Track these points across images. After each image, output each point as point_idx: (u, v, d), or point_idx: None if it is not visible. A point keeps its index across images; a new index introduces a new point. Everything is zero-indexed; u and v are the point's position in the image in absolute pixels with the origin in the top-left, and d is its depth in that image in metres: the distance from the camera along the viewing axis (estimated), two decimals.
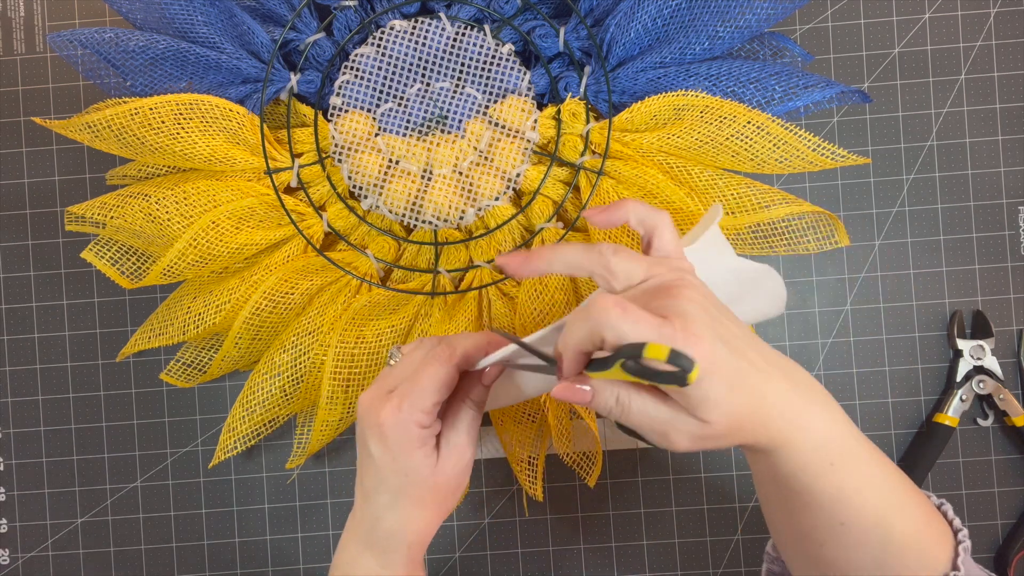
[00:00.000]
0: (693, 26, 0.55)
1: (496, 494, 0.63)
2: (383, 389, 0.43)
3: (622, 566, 0.63)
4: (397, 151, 0.58)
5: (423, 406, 0.42)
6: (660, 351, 0.33)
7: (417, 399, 0.42)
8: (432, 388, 0.42)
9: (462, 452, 0.44)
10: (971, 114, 0.62)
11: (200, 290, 0.59)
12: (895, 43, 0.62)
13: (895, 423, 0.62)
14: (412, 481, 0.43)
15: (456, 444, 0.44)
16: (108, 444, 0.64)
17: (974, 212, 0.62)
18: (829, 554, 0.40)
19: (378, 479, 0.43)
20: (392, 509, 0.43)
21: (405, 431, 0.42)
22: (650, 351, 0.33)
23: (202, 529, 0.64)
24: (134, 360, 0.64)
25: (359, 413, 0.43)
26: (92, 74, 0.57)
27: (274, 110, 0.59)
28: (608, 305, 0.35)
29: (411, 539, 0.44)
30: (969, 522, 0.62)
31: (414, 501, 0.43)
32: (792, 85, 0.55)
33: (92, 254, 0.58)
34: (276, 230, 0.57)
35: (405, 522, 0.44)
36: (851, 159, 0.55)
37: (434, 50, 0.58)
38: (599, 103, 0.58)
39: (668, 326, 0.34)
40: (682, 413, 0.36)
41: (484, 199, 0.58)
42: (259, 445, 0.63)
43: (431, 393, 0.42)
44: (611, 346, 0.35)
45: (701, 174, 0.56)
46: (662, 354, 0.32)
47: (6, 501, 0.64)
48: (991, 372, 0.61)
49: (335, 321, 0.58)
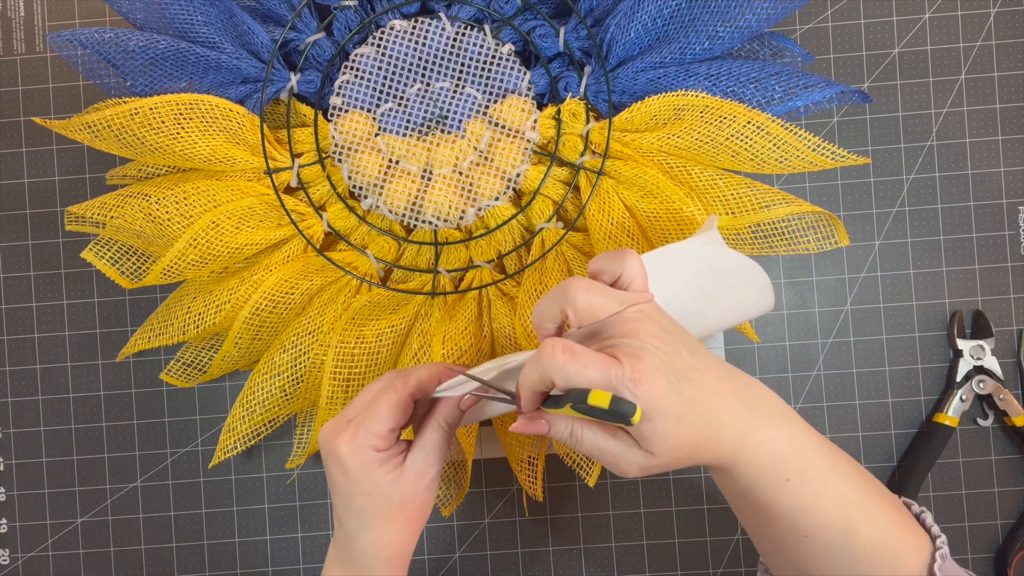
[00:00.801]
0: (693, 26, 0.55)
1: (496, 494, 0.63)
2: (342, 420, 0.46)
3: (622, 566, 0.63)
4: (397, 151, 0.58)
5: (377, 431, 0.44)
6: (602, 399, 0.35)
7: (372, 425, 0.44)
8: (386, 415, 0.44)
9: (425, 470, 0.46)
10: (971, 114, 0.62)
11: (200, 290, 0.59)
12: (895, 43, 0.62)
13: (895, 423, 0.62)
14: (376, 500, 0.45)
15: (419, 462, 0.46)
16: (108, 444, 0.64)
17: (974, 212, 0.62)
18: (801, 562, 0.41)
19: (345, 503, 0.46)
20: (362, 529, 0.46)
21: (362, 456, 0.44)
22: (593, 398, 0.35)
23: (202, 529, 0.64)
24: (134, 360, 0.64)
25: (320, 444, 0.46)
26: (92, 74, 0.57)
27: (274, 110, 0.59)
28: (557, 351, 0.37)
29: (386, 554, 0.46)
30: (969, 522, 0.62)
31: (382, 519, 0.46)
32: (792, 85, 0.55)
33: (92, 254, 0.58)
34: (276, 230, 0.57)
35: (378, 539, 0.46)
36: (851, 159, 0.55)
37: (434, 50, 0.58)
38: (599, 103, 0.58)
39: (616, 367, 0.36)
40: (631, 446, 0.38)
41: (484, 199, 0.58)
42: (259, 445, 0.64)
43: (385, 420, 0.44)
44: (561, 388, 0.38)
45: (701, 174, 0.56)
46: (604, 402, 0.35)
47: (6, 501, 0.64)
48: (991, 372, 0.61)
49: (335, 321, 0.58)
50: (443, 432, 0.46)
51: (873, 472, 0.62)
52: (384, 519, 0.46)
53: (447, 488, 0.61)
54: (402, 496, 0.45)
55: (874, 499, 0.41)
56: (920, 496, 0.61)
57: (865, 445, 0.62)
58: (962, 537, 0.62)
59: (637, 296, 0.41)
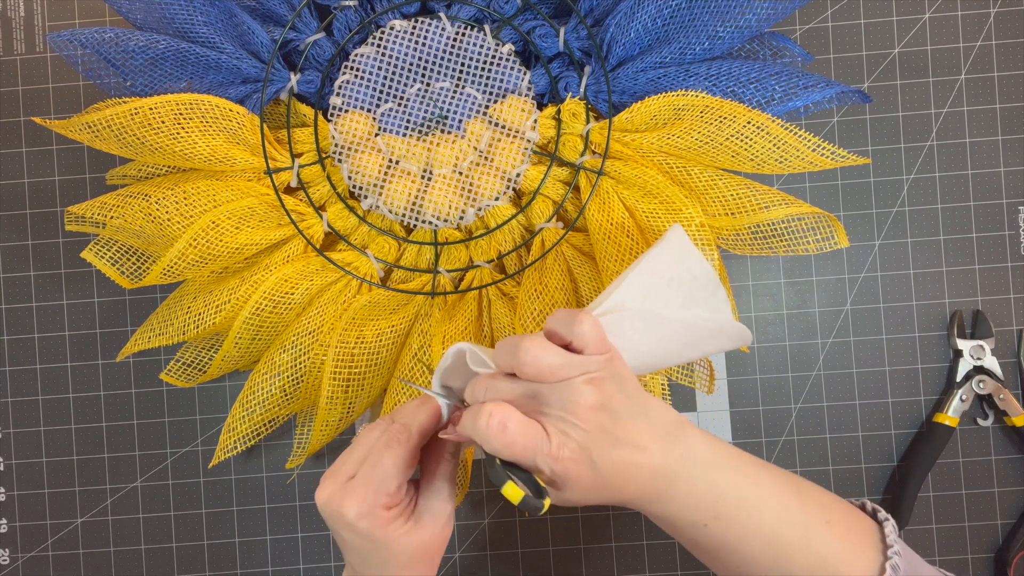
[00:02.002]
0: (693, 26, 0.55)
1: (496, 494, 0.63)
2: (340, 477, 0.42)
3: (622, 566, 0.63)
4: (397, 151, 0.58)
5: (387, 489, 0.42)
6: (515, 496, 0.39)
7: (381, 485, 0.41)
8: (394, 471, 0.42)
9: (440, 510, 0.44)
10: (971, 114, 0.62)
11: (200, 290, 0.59)
12: (895, 43, 0.62)
13: (895, 423, 0.62)
14: (395, 552, 0.43)
15: (433, 505, 0.44)
16: (108, 444, 0.64)
17: (974, 212, 0.62)
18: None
19: (361, 558, 0.43)
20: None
21: (373, 517, 0.42)
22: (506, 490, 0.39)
23: (202, 529, 0.64)
24: (134, 360, 0.64)
25: (320, 508, 0.43)
26: (92, 74, 0.57)
27: (274, 110, 0.59)
28: (492, 424, 0.38)
29: None
30: (969, 522, 0.62)
31: (403, 566, 0.43)
32: (792, 85, 0.55)
33: (92, 254, 0.58)
34: (276, 230, 0.57)
35: None
36: (851, 159, 0.55)
37: (434, 50, 0.58)
38: (599, 103, 0.58)
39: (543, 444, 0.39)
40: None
41: (484, 199, 0.58)
42: (259, 445, 0.64)
43: (393, 477, 0.42)
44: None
45: (701, 174, 0.56)
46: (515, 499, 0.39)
47: (6, 501, 0.64)
48: (991, 372, 0.61)
49: (335, 321, 0.58)
50: (451, 465, 0.45)
51: (873, 472, 0.62)
52: (405, 566, 0.43)
53: None
54: (421, 541, 0.43)
55: (814, 528, 0.42)
56: (920, 496, 0.61)
57: (865, 445, 0.62)
58: (962, 537, 0.62)
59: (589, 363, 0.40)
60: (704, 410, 0.63)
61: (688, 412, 0.63)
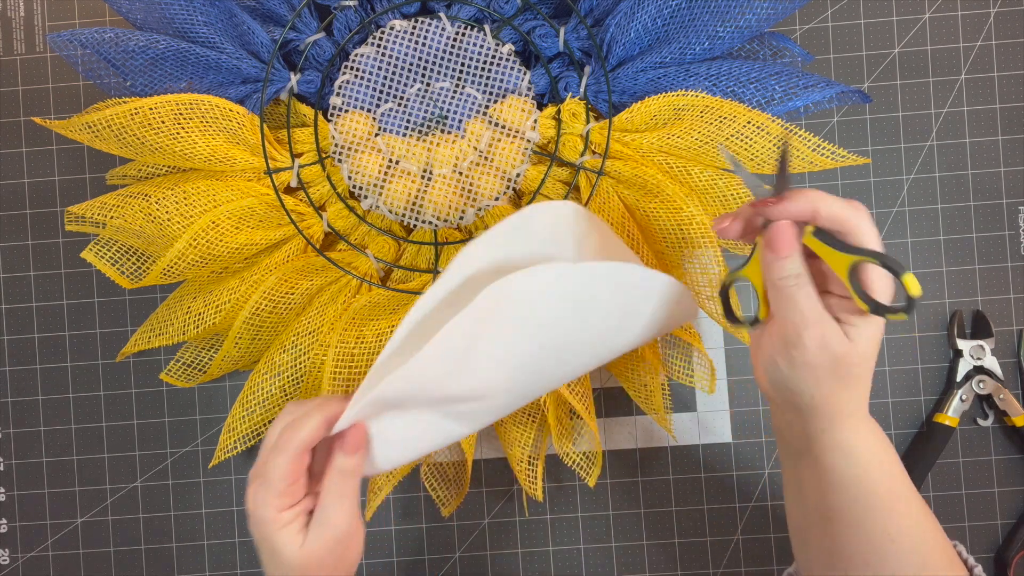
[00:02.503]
0: (693, 26, 0.55)
1: (496, 494, 0.63)
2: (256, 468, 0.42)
3: (622, 566, 0.63)
4: (397, 151, 0.58)
5: (276, 491, 0.41)
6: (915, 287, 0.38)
7: (271, 485, 0.41)
8: (277, 477, 0.40)
9: (332, 526, 0.41)
10: (971, 114, 0.62)
11: (200, 290, 0.59)
12: (895, 43, 0.62)
13: (895, 423, 0.62)
14: (283, 562, 0.41)
15: (323, 519, 0.41)
16: (108, 444, 0.64)
17: (974, 212, 0.62)
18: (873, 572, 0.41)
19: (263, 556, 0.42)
20: None
21: (263, 515, 0.41)
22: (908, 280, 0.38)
23: (202, 529, 0.64)
24: (134, 360, 0.64)
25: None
26: (92, 74, 0.57)
27: (274, 110, 0.59)
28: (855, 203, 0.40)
29: None
30: (969, 522, 0.62)
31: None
32: (792, 85, 0.55)
33: (92, 254, 0.58)
34: (276, 230, 0.58)
35: None
36: (851, 159, 0.55)
37: (434, 50, 0.58)
38: (599, 103, 0.58)
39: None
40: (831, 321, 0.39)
41: (484, 199, 0.58)
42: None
43: (276, 482, 0.41)
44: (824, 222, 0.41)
45: (701, 174, 0.56)
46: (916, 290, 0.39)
47: (6, 501, 0.64)
48: (991, 372, 0.61)
49: (335, 321, 0.58)
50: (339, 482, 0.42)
51: None
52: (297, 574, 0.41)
53: (447, 488, 0.61)
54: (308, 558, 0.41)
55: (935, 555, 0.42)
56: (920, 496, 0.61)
57: None
58: (962, 537, 0.62)
59: None
60: (704, 410, 0.63)
61: (688, 412, 0.63)
